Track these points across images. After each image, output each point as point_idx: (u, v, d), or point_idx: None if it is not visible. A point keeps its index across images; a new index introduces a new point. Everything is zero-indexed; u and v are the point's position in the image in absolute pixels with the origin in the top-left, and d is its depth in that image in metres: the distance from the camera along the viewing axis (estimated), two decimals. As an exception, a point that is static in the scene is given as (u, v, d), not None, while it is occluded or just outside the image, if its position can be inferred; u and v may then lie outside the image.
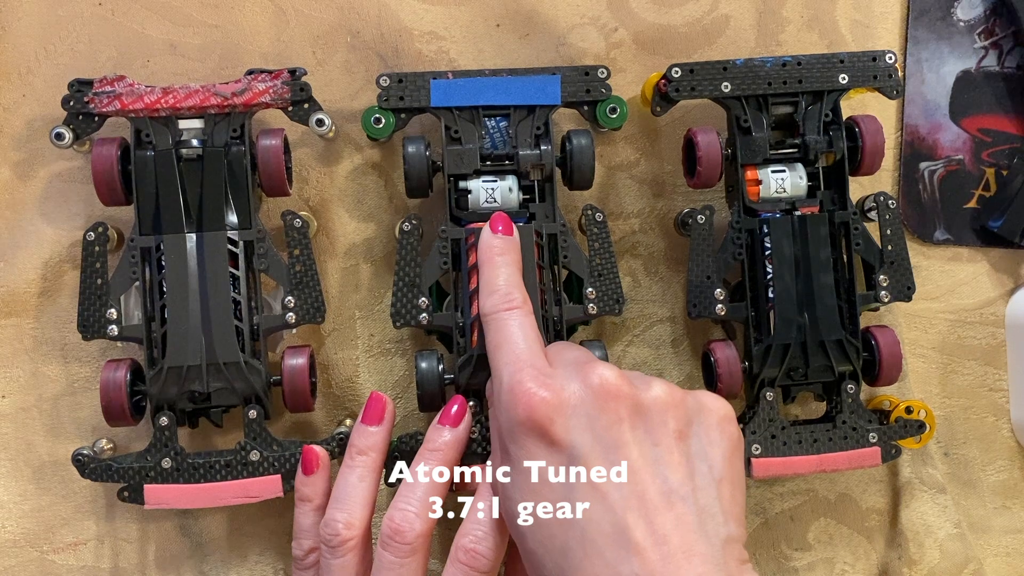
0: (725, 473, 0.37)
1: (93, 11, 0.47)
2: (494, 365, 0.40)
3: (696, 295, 0.46)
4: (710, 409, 0.39)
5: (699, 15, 0.50)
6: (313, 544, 0.43)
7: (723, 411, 0.39)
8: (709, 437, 0.38)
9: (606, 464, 0.36)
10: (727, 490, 0.37)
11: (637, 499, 0.35)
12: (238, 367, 0.43)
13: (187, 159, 0.44)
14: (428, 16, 0.48)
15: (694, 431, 0.38)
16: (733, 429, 0.39)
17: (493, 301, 0.41)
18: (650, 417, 0.37)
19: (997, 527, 0.53)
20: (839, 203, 0.46)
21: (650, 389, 0.38)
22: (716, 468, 0.37)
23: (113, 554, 0.48)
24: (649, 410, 0.37)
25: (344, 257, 0.49)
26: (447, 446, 0.42)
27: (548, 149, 0.45)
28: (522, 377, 0.37)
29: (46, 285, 0.48)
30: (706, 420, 0.38)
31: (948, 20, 0.51)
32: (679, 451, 0.37)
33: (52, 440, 0.48)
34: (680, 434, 0.37)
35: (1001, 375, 0.53)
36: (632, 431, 0.36)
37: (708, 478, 0.37)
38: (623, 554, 0.34)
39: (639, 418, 0.37)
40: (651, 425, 0.37)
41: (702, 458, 0.37)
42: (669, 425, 0.37)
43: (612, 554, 0.34)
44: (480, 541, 0.39)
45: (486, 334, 0.41)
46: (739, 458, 0.39)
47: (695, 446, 0.37)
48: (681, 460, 0.36)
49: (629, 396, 0.37)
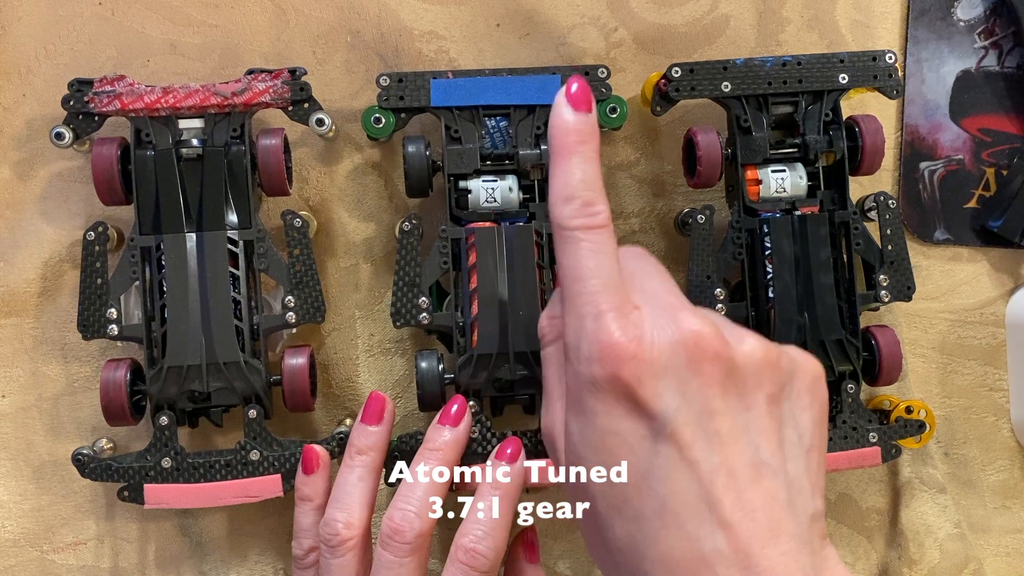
0: (815, 442, 0.35)
1: (93, 11, 0.47)
2: (571, 298, 0.35)
3: (696, 295, 0.46)
4: (804, 370, 0.36)
5: (699, 15, 0.50)
6: (313, 544, 0.43)
7: (816, 371, 0.36)
8: (800, 401, 0.35)
9: (696, 432, 0.33)
10: (815, 460, 0.35)
11: (725, 470, 0.32)
12: (238, 367, 0.43)
13: (187, 159, 0.44)
14: (428, 16, 0.48)
15: (786, 393, 0.35)
16: (823, 391, 0.36)
17: (571, 210, 0.35)
18: (744, 379, 0.34)
19: (997, 527, 0.53)
20: (839, 203, 0.46)
21: (743, 343, 0.34)
22: (806, 436, 0.35)
23: (113, 554, 0.48)
24: (744, 372, 0.34)
25: (344, 257, 0.49)
26: (447, 446, 0.42)
27: (548, 149, 0.44)
28: (607, 320, 0.33)
29: (46, 285, 0.48)
30: (799, 382, 0.35)
31: (948, 20, 0.51)
32: (770, 416, 0.34)
33: (52, 440, 0.48)
34: (773, 398, 0.34)
35: (1001, 375, 0.53)
36: (724, 397, 0.33)
37: (798, 448, 0.34)
38: (707, 528, 0.32)
39: (732, 381, 0.33)
40: (744, 389, 0.34)
41: (792, 425, 0.35)
42: (763, 388, 0.34)
43: (694, 527, 0.32)
44: (480, 541, 0.39)
45: (558, 252, 0.36)
46: (826, 423, 0.36)
47: (787, 410, 0.35)
48: (772, 427, 0.34)
49: (725, 357, 0.33)
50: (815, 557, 0.33)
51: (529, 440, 0.44)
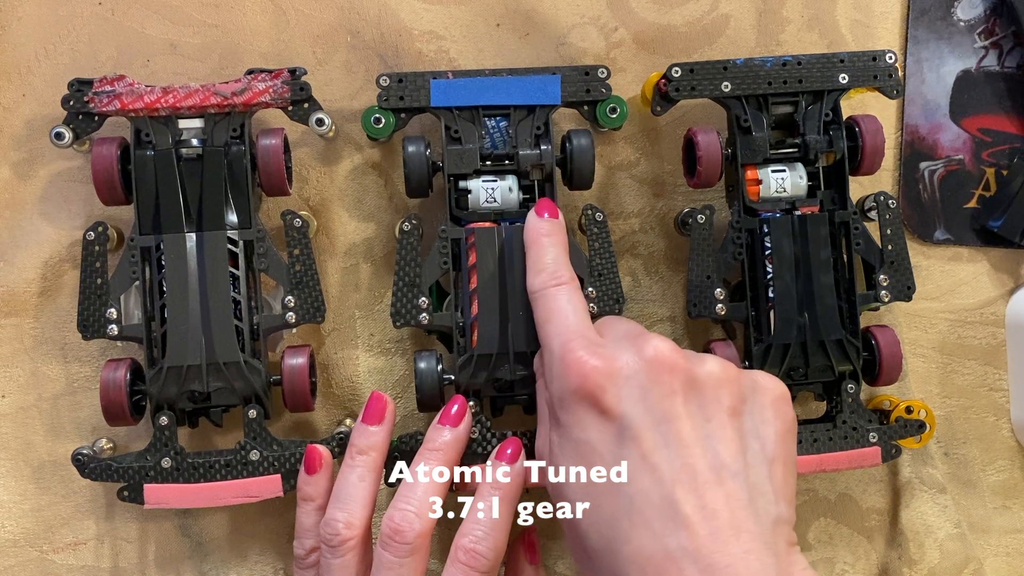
0: (778, 453, 0.37)
1: (93, 11, 0.47)
2: (544, 337, 0.40)
3: (696, 295, 0.46)
4: (765, 388, 0.38)
5: (699, 15, 0.50)
6: (315, 544, 0.43)
7: (778, 391, 0.38)
8: (763, 416, 0.38)
9: (657, 436, 0.36)
10: (779, 470, 0.37)
11: (687, 473, 0.35)
12: (238, 367, 0.43)
13: (187, 159, 0.44)
14: (428, 16, 0.48)
15: (747, 409, 0.37)
16: (787, 409, 0.38)
17: (542, 279, 0.41)
18: (704, 392, 0.37)
19: (997, 527, 0.53)
20: (839, 203, 0.46)
21: (704, 364, 0.37)
22: (768, 447, 0.37)
23: (113, 554, 0.48)
24: (703, 385, 0.37)
25: (344, 257, 0.49)
26: (447, 446, 0.42)
27: (548, 149, 0.45)
28: (574, 346, 0.38)
29: (46, 285, 0.48)
30: (760, 399, 0.38)
31: (948, 20, 0.51)
32: (732, 427, 0.36)
33: (52, 440, 0.48)
34: (733, 411, 0.37)
35: (1001, 375, 0.53)
36: (685, 404, 0.36)
37: (760, 456, 0.36)
38: (671, 526, 0.34)
39: (692, 392, 0.37)
40: (704, 400, 0.37)
41: (755, 436, 0.37)
42: (723, 401, 0.37)
43: (660, 526, 0.34)
44: (480, 541, 0.39)
45: (535, 310, 0.41)
46: (792, 439, 0.38)
47: (748, 424, 0.37)
48: (733, 436, 0.36)
49: (683, 369, 0.37)
50: (780, 560, 0.34)
51: (529, 440, 0.44)
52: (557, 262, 0.42)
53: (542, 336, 0.40)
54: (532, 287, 0.42)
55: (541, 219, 0.43)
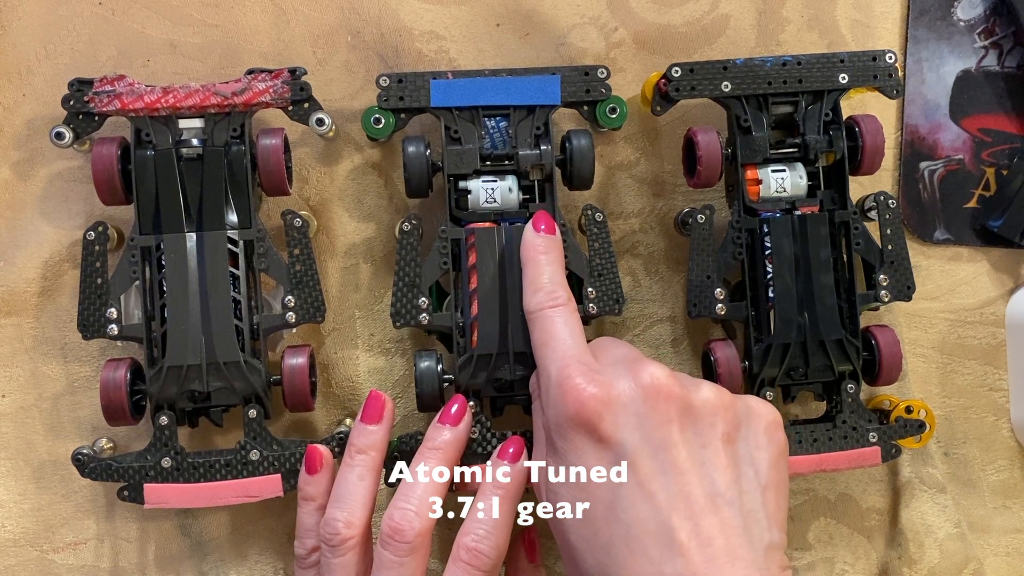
0: (771, 479, 0.38)
1: (93, 11, 0.47)
2: (541, 361, 0.40)
3: (696, 295, 0.46)
4: (759, 414, 0.39)
5: (699, 15, 0.50)
6: (316, 543, 0.43)
7: (771, 417, 0.39)
8: (757, 442, 0.38)
9: (654, 463, 0.36)
10: (772, 496, 0.37)
11: (683, 500, 0.35)
12: (238, 367, 0.43)
13: (187, 158, 0.44)
14: (428, 16, 0.48)
15: (742, 435, 0.38)
16: (780, 435, 0.39)
17: (538, 299, 0.41)
18: (699, 419, 0.37)
19: (997, 527, 0.53)
20: (839, 203, 0.46)
21: (699, 391, 0.38)
22: (762, 473, 0.37)
23: (113, 553, 0.48)
24: (699, 412, 0.37)
25: (344, 257, 0.49)
26: (447, 445, 0.42)
27: (548, 149, 0.45)
28: (571, 372, 0.38)
29: (46, 285, 0.48)
30: (754, 425, 0.39)
31: (948, 20, 0.51)
32: (726, 454, 0.37)
33: (52, 439, 0.48)
34: (728, 437, 0.37)
35: (1001, 375, 0.53)
36: (681, 432, 0.37)
37: (754, 483, 0.37)
38: (667, 553, 0.34)
39: (688, 419, 0.37)
40: (700, 427, 0.37)
41: (749, 463, 0.38)
42: (718, 428, 0.37)
43: (656, 553, 0.35)
44: (482, 540, 0.39)
45: (531, 331, 0.42)
46: (785, 465, 0.39)
47: (742, 450, 0.38)
48: (728, 463, 0.37)
49: (679, 397, 0.37)
50: None
51: (529, 440, 0.44)
52: (554, 281, 0.42)
53: (539, 359, 0.41)
54: (529, 307, 0.42)
55: (538, 235, 0.43)
